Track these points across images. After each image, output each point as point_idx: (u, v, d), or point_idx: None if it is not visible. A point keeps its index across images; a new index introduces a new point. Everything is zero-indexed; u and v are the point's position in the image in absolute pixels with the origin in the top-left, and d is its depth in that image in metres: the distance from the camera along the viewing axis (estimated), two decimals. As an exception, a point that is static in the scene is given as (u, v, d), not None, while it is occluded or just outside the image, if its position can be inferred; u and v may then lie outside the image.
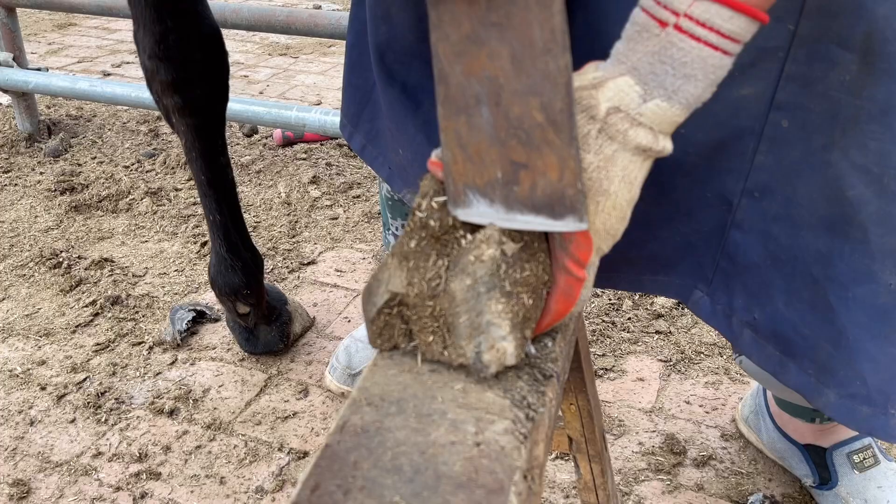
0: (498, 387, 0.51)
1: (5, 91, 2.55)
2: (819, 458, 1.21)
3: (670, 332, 1.65)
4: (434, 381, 0.52)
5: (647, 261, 0.83)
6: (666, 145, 0.55)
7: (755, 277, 0.76)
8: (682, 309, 1.73)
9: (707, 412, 1.43)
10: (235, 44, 3.98)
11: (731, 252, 0.77)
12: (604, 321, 1.69)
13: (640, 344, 1.62)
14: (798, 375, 0.76)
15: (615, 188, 0.53)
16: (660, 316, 1.70)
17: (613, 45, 0.56)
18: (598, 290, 1.79)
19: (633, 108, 0.53)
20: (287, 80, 3.41)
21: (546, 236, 0.56)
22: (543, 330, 0.57)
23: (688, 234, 0.80)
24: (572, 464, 0.97)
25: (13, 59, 2.54)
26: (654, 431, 1.38)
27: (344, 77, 1.13)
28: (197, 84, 1.24)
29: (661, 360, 1.57)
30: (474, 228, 0.55)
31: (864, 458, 1.18)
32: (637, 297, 1.76)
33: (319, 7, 4.66)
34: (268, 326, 1.53)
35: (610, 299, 1.76)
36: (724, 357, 1.57)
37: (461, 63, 0.51)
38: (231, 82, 3.35)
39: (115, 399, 1.46)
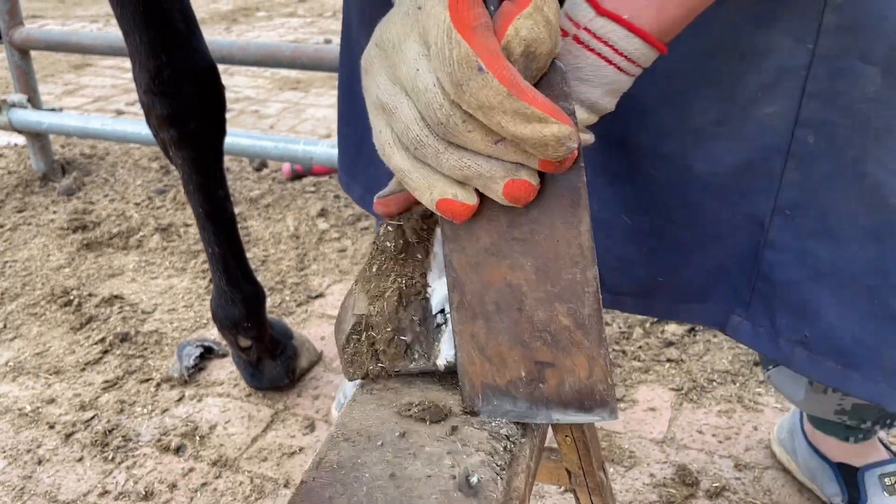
0: (477, 420, 0.52)
1: (20, 132, 2.61)
2: (850, 478, 1.21)
3: (682, 360, 1.64)
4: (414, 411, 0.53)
5: (681, 288, 0.85)
6: (584, 137, 0.56)
7: (797, 295, 0.77)
8: (694, 336, 1.72)
9: (720, 441, 1.41)
10: (246, 79, 4.06)
11: (766, 272, 0.78)
12: (614, 350, 1.68)
13: (651, 373, 1.61)
14: (865, 385, 0.76)
15: None
16: (671, 344, 1.69)
17: None
18: (608, 319, 1.79)
19: None
20: (297, 115, 3.46)
21: None
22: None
23: (720, 259, 0.81)
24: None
25: (27, 100, 2.61)
26: (665, 462, 1.37)
27: (337, 127, 1.15)
28: (192, 117, 1.26)
29: (672, 389, 1.56)
30: (429, 245, 0.57)
31: None
32: (648, 325, 1.75)
33: (330, 41, 4.74)
34: (273, 361, 1.54)
35: (620, 328, 1.76)
36: (737, 385, 1.56)
37: (478, 273, 0.53)
38: (241, 117, 3.42)
39: (123, 437, 1.48)
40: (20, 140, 3.04)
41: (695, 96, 0.73)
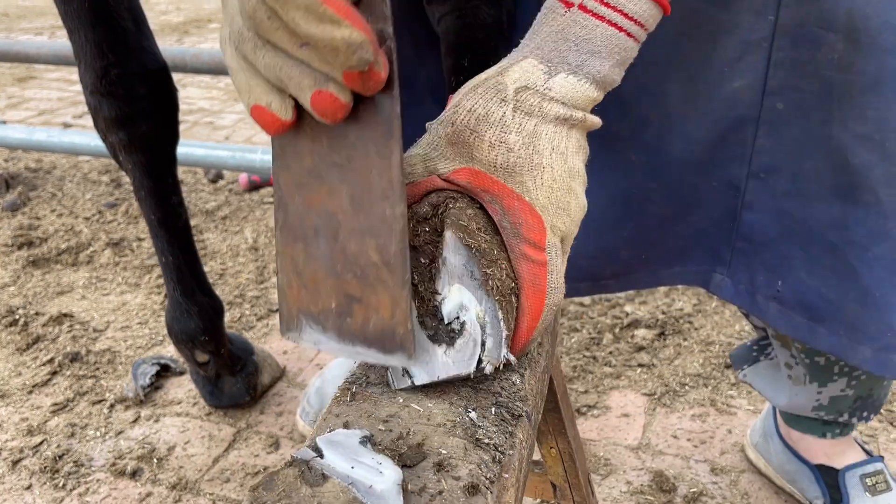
0: (461, 429, 0.49)
1: (-40, 145, 2.51)
2: (831, 479, 1.20)
3: (653, 364, 1.63)
4: (395, 425, 0.49)
5: (663, 256, 0.88)
6: (587, 117, 0.55)
7: (774, 252, 0.81)
8: (664, 340, 1.71)
9: (695, 446, 1.40)
10: (199, 91, 3.98)
11: (746, 233, 0.82)
12: (584, 356, 1.66)
13: (623, 378, 1.59)
14: (829, 338, 0.80)
15: (548, 160, 0.54)
16: (641, 349, 1.68)
17: None
18: (577, 325, 1.77)
19: (539, 84, 0.54)
20: (253, 126, 3.40)
21: (502, 239, 0.55)
22: (527, 337, 0.55)
23: (699, 223, 0.84)
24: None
25: (-32, 112, 2.50)
26: (641, 469, 1.35)
27: None
28: (142, 119, 1.21)
29: (645, 394, 1.54)
30: (435, 251, 0.55)
31: (877, 483, 1.17)
32: (618, 331, 1.74)
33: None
34: (233, 377, 1.49)
35: (590, 333, 1.74)
36: (710, 388, 1.55)
37: (301, 195, 0.52)
38: (195, 129, 3.34)
39: (74, 462, 1.41)
40: (-39, 155, 2.92)
41: (668, 81, 0.76)
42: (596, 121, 0.56)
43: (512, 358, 0.52)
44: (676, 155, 0.78)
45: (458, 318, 0.52)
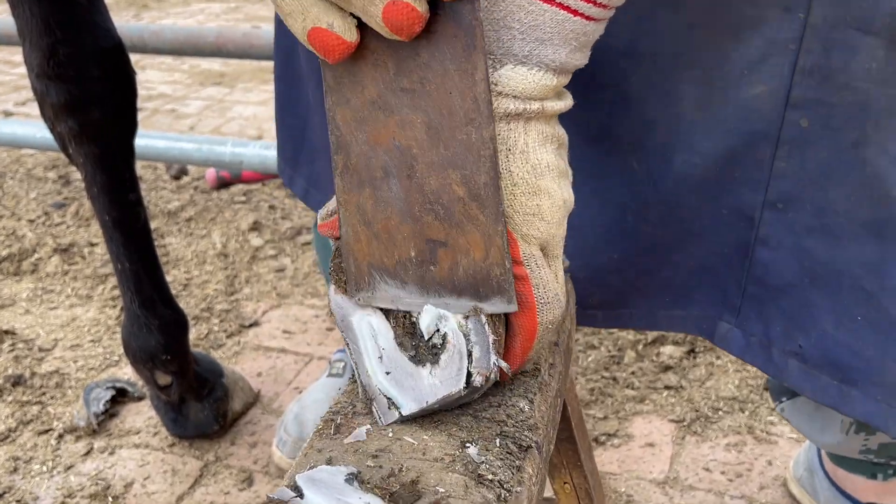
0: (461, 464, 0.48)
1: None
2: None
3: (681, 386, 1.63)
4: (385, 461, 0.49)
5: (661, 291, 0.85)
6: (546, 105, 0.55)
7: (793, 300, 0.77)
8: (694, 358, 1.71)
9: (731, 480, 1.40)
10: (160, 73, 4.00)
11: (759, 274, 0.79)
12: (603, 377, 1.67)
13: (647, 402, 1.60)
14: (864, 404, 0.76)
15: (503, 165, 0.54)
16: (668, 368, 1.68)
17: None
18: (595, 342, 1.77)
19: None
20: (222, 113, 3.42)
21: None
22: (521, 359, 0.55)
23: (704, 258, 0.81)
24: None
25: None
26: (668, 507, 1.35)
27: (276, 114, 1.13)
28: (95, 105, 1.22)
29: (672, 421, 1.55)
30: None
31: None
32: (641, 348, 1.74)
33: (259, 28, 4.70)
34: (199, 403, 1.49)
35: (609, 351, 1.74)
36: (747, 413, 1.56)
37: (364, 131, 0.52)
38: (155, 118, 3.35)
39: (17, 501, 1.41)
40: None
41: (680, 79, 0.74)
42: (560, 105, 0.56)
43: (503, 364, 0.52)
44: (677, 167, 0.76)
45: (437, 330, 0.53)
